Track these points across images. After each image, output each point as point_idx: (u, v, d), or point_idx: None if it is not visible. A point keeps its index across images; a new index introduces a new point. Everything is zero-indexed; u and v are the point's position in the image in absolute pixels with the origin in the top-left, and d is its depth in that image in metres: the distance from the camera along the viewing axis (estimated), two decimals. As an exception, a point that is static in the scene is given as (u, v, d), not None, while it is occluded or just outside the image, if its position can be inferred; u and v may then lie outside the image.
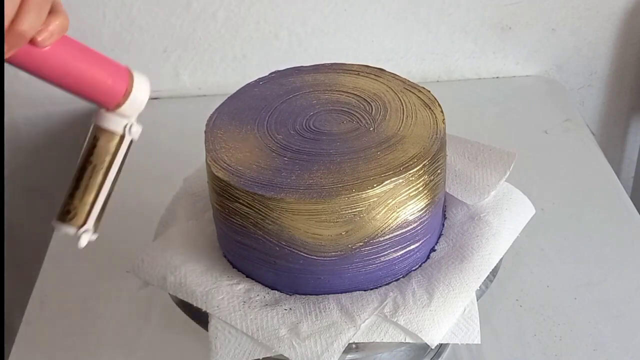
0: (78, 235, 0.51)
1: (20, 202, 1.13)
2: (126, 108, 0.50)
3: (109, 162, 0.51)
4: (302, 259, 0.55)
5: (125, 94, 0.50)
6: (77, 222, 0.50)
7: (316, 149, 0.57)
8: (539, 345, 0.69)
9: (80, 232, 0.51)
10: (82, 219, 0.50)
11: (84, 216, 0.51)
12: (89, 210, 0.51)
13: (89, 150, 0.51)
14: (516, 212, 0.63)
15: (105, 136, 0.51)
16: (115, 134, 0.51)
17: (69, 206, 0.51)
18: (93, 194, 0.51)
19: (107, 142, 0.51)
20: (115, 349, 0.71)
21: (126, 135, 0.51)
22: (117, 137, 0.51)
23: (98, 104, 0.50)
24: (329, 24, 1.01)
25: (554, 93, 1.05)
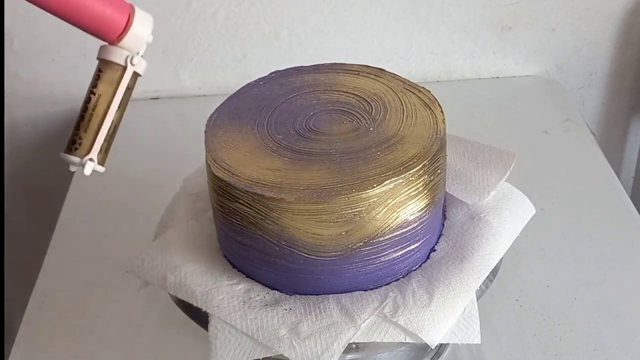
0: (82, 163, 0.53)
1: (20, 202, 1.13)
2: (127, 41, 0.53)
3: (112, 93, 0.54)
4: (302, 259, 0.55)
5: (126, 27, 0.52)
6: (82, 152, 0.53)
7: (316, 149, 0.57)
8: (539, 345, 0.69)
9: (84, 160, 0.53)
10: (87, 148, 0.53)
11: (88, 145, 0.53)
12: (92, 140, 0.53)
13: (93, 83, 0.54)
14: (516, 212, 0.63)
15: (108, 68, 0.53)
16: (118, 65, 0.53)
17: (74, 137, 0.54)
18: (97, 124, 0.54)
19: (110, 73, 0.53)
20: (115, 349, 0.71)
21: (128, 66, 0.53)
22: (119, 69, 0.53)
23: (99, 37, 0.53)
24: (329, 24, 1.01)
25: (554, 93, 1.05)
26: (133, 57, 0.53)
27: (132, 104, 1.11)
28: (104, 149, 0.54)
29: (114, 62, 0.53)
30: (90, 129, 0.54)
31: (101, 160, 0.55)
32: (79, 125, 0.54)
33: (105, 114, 0.54)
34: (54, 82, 1.03)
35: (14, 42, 1.00)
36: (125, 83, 0.54)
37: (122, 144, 0.98)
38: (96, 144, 0.54)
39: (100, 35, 0.53)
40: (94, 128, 0.54)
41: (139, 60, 0.54)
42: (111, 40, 0.53)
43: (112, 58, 0.53)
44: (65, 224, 0.86)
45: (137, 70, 0.54)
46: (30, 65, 1.02)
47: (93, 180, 0.92)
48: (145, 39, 0.54)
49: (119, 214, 0.87)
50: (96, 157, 0.54)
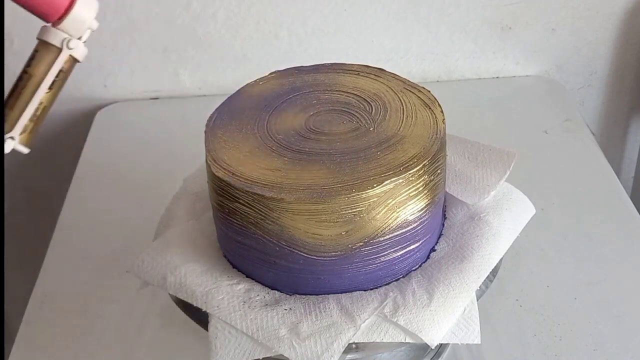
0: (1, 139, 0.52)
1: (20, 202, 1.13)
2: (68, 24, 0.52)
3: (42, 74, 0.53)
4: (302, 259, 0.55)
5: (68, 9, 0.52)
6: (5, 129, 0.53)
7: (316, 149, 0.57)
8: (539, 345, 0.69)
9: (5, 137, 0.52)
10: (10, 126, 0.52)
11: (11, 123, 0.52)
12: (16, 118, 0.53)
13: (27, 62, 0.53)
14: (516, 212, 0.63)
15: (44, 49, 0.53)
16: (53, 46, 0.53)
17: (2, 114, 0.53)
18: (23, 103, 0.53)
19: (44, 54, 0.53)
20: (115, 349, 0.71)
21: (64, 49, 0.53)
22: (54, 50, 0.53)
23: (40, 17, 0.52)
24: (329, 24, 1.01)
25: (554, 93, 1.05)
26: (70, 40, 0.53)
27: (132, 104, 1.12)
28: (29, 129, 0.53)
29: (50, 43, 0.53)
30: (16, 107, 0.53)
31: (25, 140, 0.54)
32: (6, 102, 0.53)
33: (33, 93, 0.53)
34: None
35: (14, 42, 1.00)
36: (58, 65, 0.53)
37: (122, 144, 0.99)
38: (19, 123, 0.53)
39: (41, 15, 0.52)
40: (20, 107, 0.53)
41: (76, 44, 0.53)
42: (51, 21, 0.52)
43: (48, 39, 0.53)
44: (65, 224, 0.86)
45: (74, 54, 0.53)
46: (30, 65, 1.02)
47: (93, 181, 0.93)
48: (87, 24, 0.53)
49: (119, 214, 0.87)
50: (17, 136, 0.53)
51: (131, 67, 1.03)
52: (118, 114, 1.04)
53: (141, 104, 1.05)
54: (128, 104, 1.05)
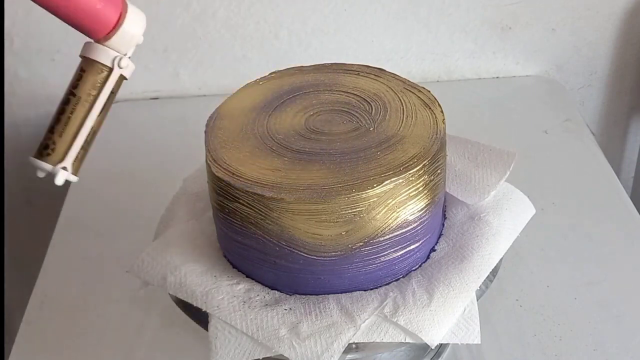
0: (54, 172, 0.48)
1: (20, 202, 1.13)
2: (116, 40, 0.48)
3: (94, 96, 0.48)
4: (302, 259, 0.55)
5: (117, 25, 0.47)
6: (55, 158, 0.47)
7: (316, 149, 0.57)
8: (539, 345, 0.69)
9: (56, 168, 0.47)
10: (60, 155, 0.48)
11: (62, 152, 0.48)
12: (68, 146, 0.48)
13: (74, 83, 0.48)
14: (516, 212, 0.63)
15: (92, 68, 0.48)
16: (103, 66, 0.48)
17: (47, 141, 0.48)
18: (74, 129, 0.48)
19: (93, 74, 0.48)
20: (115, 349, 0.71)
21: (115, 68, 0.48)
22: (104, 70, 0.48)
23: (87, 33, 0.48)
24: (329, 24, 1.01)
25: (554, 93, 1.05)
26: (122, 58, 0.49)
27: (132, 103, 1.12)
28: (80, 157, 0.49)
29: (100, 62, 0.48)
30: (66, 134, 0.48)
31: (75, 169, 0.49)
32: (53, 128, 0.48)
33: (84, 118, 0.48)
34: (54, 82, 1.03)
35: (14, 42, 1.00)
36: (110, 87, 0.49)
37: (122, 144, 0.99)
38: (72, 152, 0.48)
39: (87, 31, 0.48)
40: (70, 133, 0.48)
41: (127, 63, 0.49)
42: (98, 37, 0.48)
43: (97, 58, 0.48)
44: (65, 224, 0.86)
45: (124, 73, 0.49)
46: (30, 65, 1.02)
47: (93, 181, 0.92)
48: (135, 40, 0.49)
49: (119, 214, 0.87)
50: (70, 166, 0.48)
51: (131, 67, 1.03)
52: (118, 114, 1.04)
53: (141, 104, 1.05)
54: (128, 104, 1.05)
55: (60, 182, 0.48)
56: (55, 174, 0.47)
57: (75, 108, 0.48)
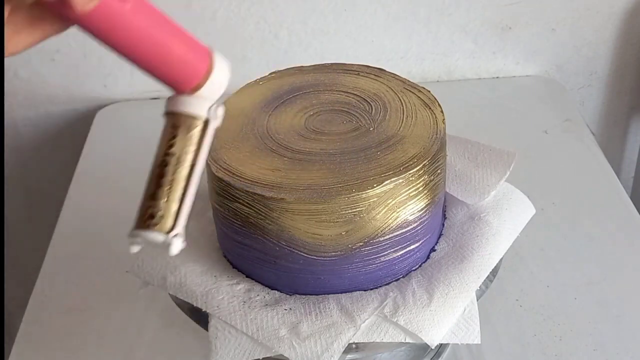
0: (168, 242, 0.42)
1: (20, 202, 1.13)
2: (207, 89, 0.43)
3: (194, 152, 0.43)
4: (302, 259, 0.55)
5: (207, 73, 0.43)
6: (165, 227, 0.42)
7: (316, 149, 0.57)
8: (539, 345, 0.69)
9: (170, 237, 0.42)
10: (171, 222, 0.42)
11: (172, 218, 0.43)
12: (177, 211, 0.43)
13: (168, 142, 0.43)
14: (516, 212, 0.63)
15: (187, 122, 0.43)
16: (199, 118, 0.43)
17: (152, 209, 0.43)
18: (180, 191, 0.43)
19: (190, 128, 0.43)
20: (115, 349, 0.71)
21: (211, 119, 0.43)
22: (201, 122, 0.43)
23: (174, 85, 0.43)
24: (329, 24, 1.01)
25: (554, 93, 1.04)
26: (217, 108, 0.44)
27: (132, 104, 1.12)
28: None
29: (194, 115, 0.43)
30: (172, 198, 0.43)
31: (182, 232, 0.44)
32: (155, 194, 0.43)
33: (189, 179, 0.43)
34: (54, 82, 1.03)
35: (14, 42, 0.99)
36: (209, 139, 0.43)
37: (122, 144, 0.99)
38: (182, 216, 0.43)
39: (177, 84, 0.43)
40: (176, 197, 0.43)
41: (222, 111, 0.44)
42: (187, 89, 0.43)
43: (192, 110, 0.43)
44: (66, 224, 0.86)
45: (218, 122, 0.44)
46: (30, 65, 1.02)
47: (93, 180, 0.92)
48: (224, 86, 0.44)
49: (118, 214, 0.86)
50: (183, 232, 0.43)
51: (131, 67, 1.02)
52: (118, 114, 1.04)
53: (141, 104, 1.05)
54: (128, 104, 1.05)
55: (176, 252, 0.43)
56: (170, 244, 0.42)
57: (176, 169, 0.43)
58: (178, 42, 0.43)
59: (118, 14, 0.39)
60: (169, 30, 0.43)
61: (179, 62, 0.42)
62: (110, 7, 0.38)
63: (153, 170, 0.44)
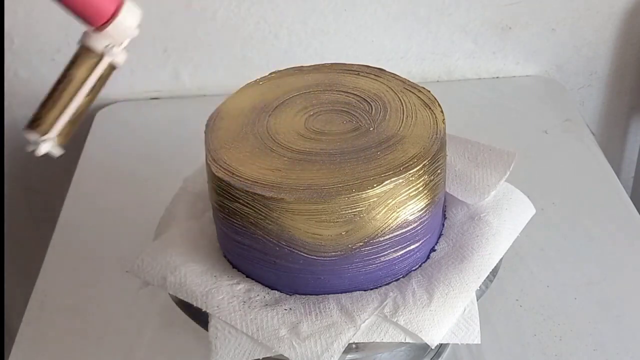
0: (39, 141, 0.52)
1: (20, 202, 1.13)
2: (111, 29, 0.52)
3: (83, 79, 0.53)
4: (302, 259, 0.55)
5: (113, 16, 0.52)
6: (41, 130, 0.52)
7: (316, 149, 0.57)
8: (539, 345, 0.69)
9: (41, 139, 0.52)
10: (46, 128, 0.52)
11: (48, 125, 0.52)
12: (53, 120, 0.52)
13: (68, 66, 0.53)
14: (516, 212, 0.63)
15: (85, 54, 0.53)
16: (95, 52, 0.53)
17: (37, 114, 0.53)
18: (61, 105, 0.53)
19: (86, 59, 0.53)
20: (115, 349, 0.71)
21: (105, 55, 0.53)
22: (96, 56, 0.53)
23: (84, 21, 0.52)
24: (329, 24, 1.01)
25: (554, 93, 1.05)
26: (113, 47, 0.53)
27: (132, 104, 1.12)
28: (65, 132, 0.54)
29: (92, 49, 0.53)
30: (54, 109, 0.53)
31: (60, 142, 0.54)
32: (44, 103, 0.53)
33: (72, 97, 0.53)
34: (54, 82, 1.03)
35: (14, 42, 1.00)
36: (99, 71, 0.53)
37: (122, 144, 0.99)
38: (57, 126, 0.53)
39: (85, 19, 0.52)
40: (58, 108, 0.53)
41: (117, 51, 0.53)
42: (95, 26, 0.52)
43: (90, 44, 0.53)
44: (65, 224, 0.86)
45: (114, 60, 0.54)
46: (30, 65, 1.02)
47: (93, 181, 0.93)
48: (129, 32, 0.54)
49: (118, 214, 0.87)
50: (54, 139, 0.53)
51: (131, 67, 1.03)
52: (118, 114, 1.04)
53: (141, 104, 1.05)
54: (128, 104, 1.05)
55: (42, 153, 0.52)
56: (39, 143, 0.52)
57: (65, 87, 0.53)
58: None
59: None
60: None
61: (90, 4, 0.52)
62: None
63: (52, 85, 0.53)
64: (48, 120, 0.53)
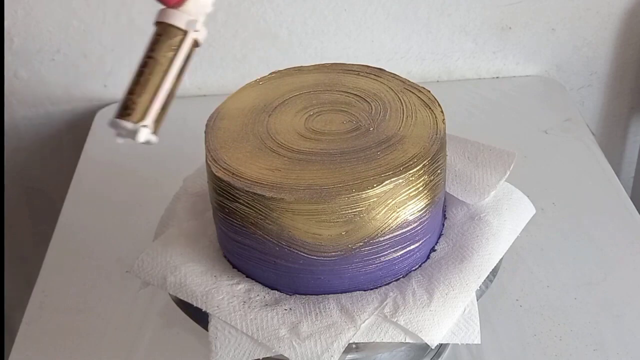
0: (135, 129, 0.49)
1: (20, 202, 1.13)
2: (190, 5, 0.50)
3: (170, 58, 0.50)
4: (302, 259, 0.55)
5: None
6: (135, 117, 0.49)
7: (316, 149, 0.57)
8: (539, 345, 0.69)
9: (137, 126, 0.49)
10: (141, 114, 0.49)
11: (142, 111, 0.49)
12: (148, 105, 0.50)
13: (150, 46, 0.51)
14: (516, 212, 0.63)
15: (168, 31, 0.50)
16: (178, 29, 0.50)
17: (128, 102, 0.50)
18: (153, 89, 0.50)
19: (169, 37, 0.50)
20: (115, 349, 0.71)
21: (189, 31, 0.50)
22: (179, 33, 0.50)
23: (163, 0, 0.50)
24: (329, 24, 1.01)
25: (554, 93, 1.05)
26: (196, 22, 0.51)
27: (132, 104, 1.10)
28: (159, 118, 0.51)
29: (175, 25, 0.50)
30: (145, 93, 0.50)
31: (155, 129, 0.51)
32: (133, 89, 0.50)
33: (162, 79, 0.50)
34: (54, 82, 1.03)
35: (14, 42, 1.00)
36: (185, 49, 0.51)
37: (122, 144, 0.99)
38: (152, 110, 0.50)
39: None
40: (150, 93, 0.50)
41: (200, 26, 0.51)
42: (173, 3, 0.50)
43: (173, 21, 0.50)
44: (65, 224, 0.86)
45: (197, 37, 0.51)
46: (30, 65, 1.02)
47: (93, 180, 0.92)
48: (206, 8, 0.51)
49: (118, 214, 0.87)
50: (152, 125, 0.50)
51: (131, 67, 1.02)
52: (118, 114, 1.04)
53: (141, 104, 1.05)
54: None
55: (142, 140, 0.50)
56: (137, 131, 0.49)
57: (153, 70, 0.50)
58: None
59: None
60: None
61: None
62: None
63: (136, 70, 0.50)
64: (141, 106, 0.49)
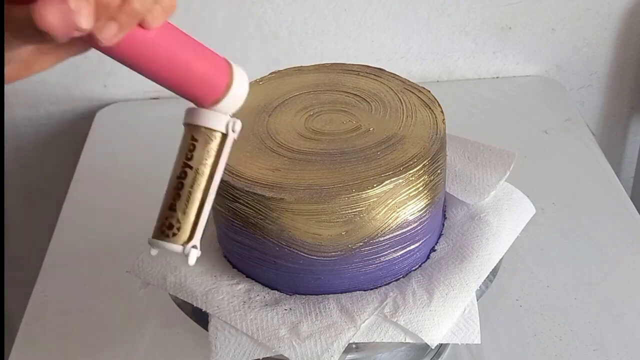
0: (185, 253, 0.44)
1: (20, 202, 1.13)
2: (226, 103, 0.44)
3: (212, 166, 0.44)
4: (302, 259, 0.55)
5: (226, 88, 0.44)
6: (183, 238, 0.43)
7: (316, 149, 0.57)
8: (539, 345, 0.69)
9: (188, 247, 0.43)
10: (188, 233, 0.44)
11: (189, 230, 0.44)
12: (194, 222, 0.44)
13: (186, 155, 0.45)
14: (516, 212, 0.63)
15: (206, 136, 0.44)
16: (217, 132, 0.44)
17: (170, 219, 0.44)
18: (197, 204, 0.44)
19: (208, 142, 0.44)
20: (115, 349, 0.71)
21: (229, 133, 0.44)
22: (219, 136, 0.44)
23: (195, 100, 0.44)
24: (329, 24, 1.01)
25: (554, 93, 1.05)
26: (235, 122, 0.44)
27: (132, 104, 1.11)
28: None
29: (213, 129, 0.44)
30: (190, 210, 0.44)
31: None
32: (173, 205, 0.44)
33: (207, 191, 0.44)
34: (54, 82, 1.03)
35: (14, 42, 0.99)
36: (227, 153, 0.44)
37: (122, 144, 0.99)
38: (199, 228, 0.44)
39: (197, 99, 0.44)
40: (194, 209, 0.44)
41: (239, 126, 0.45)
42: (208, 103, 0.44)
43: (210, 125, 0.44)
44: (65, 224, 0.86)
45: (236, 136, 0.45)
46: (30, 65, 1.02)
47: (93, 181, 0.92)
48: (243, 99, 0.45)
49: (118, 213, 0.87)
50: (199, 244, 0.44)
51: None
52: (118, 114, 1.04)
53: (141, 104, 1.05)
54: (128, 104, 1.05)
55: (193, 262, 0.44)
56: (188, 254, 0.44)
57: (194, 182, 0.44)
58: (200, 61, 0.43)
59: (142, 43, 0.40)
60: (192, 50, 0.43)
61: (200, 80, 0.43)
62: (135, 37, 0.39)
63: (172, 181, 0.45)
64: (187, 225, 0.43)
